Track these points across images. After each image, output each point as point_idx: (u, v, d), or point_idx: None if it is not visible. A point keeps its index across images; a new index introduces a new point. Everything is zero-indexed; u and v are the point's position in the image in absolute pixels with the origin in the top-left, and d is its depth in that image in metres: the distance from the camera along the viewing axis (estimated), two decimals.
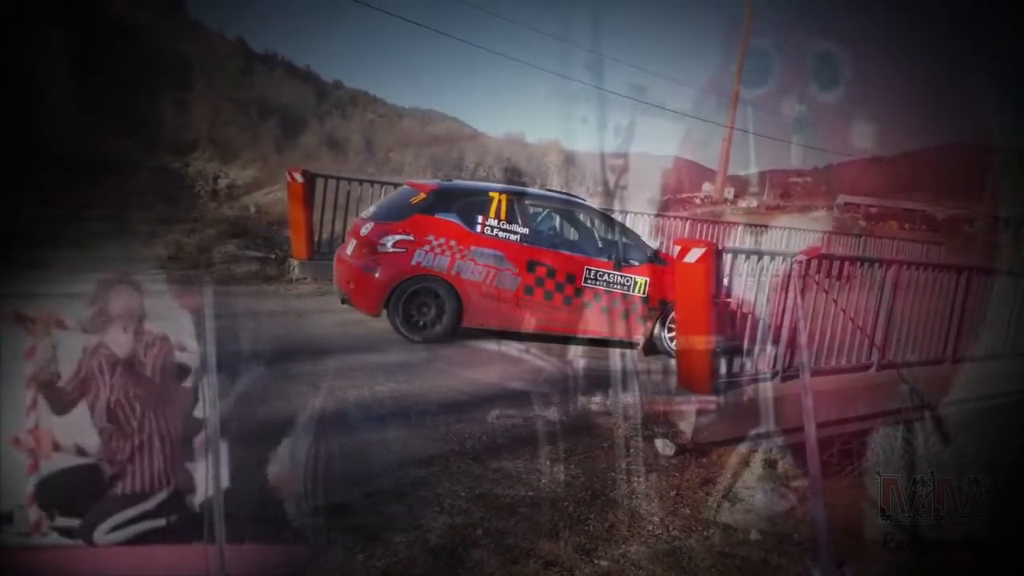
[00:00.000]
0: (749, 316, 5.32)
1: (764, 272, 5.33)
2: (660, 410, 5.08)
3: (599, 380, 5.72)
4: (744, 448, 4.70)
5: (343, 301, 6.63)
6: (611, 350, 6.35)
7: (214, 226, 9.96)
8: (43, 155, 10.53)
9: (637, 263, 6.71)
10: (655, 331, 6.70)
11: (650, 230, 10.76)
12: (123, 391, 2.86)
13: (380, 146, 19.52)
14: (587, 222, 7.16)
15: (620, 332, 6.67)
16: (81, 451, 2.90)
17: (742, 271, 5.29)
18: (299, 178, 8.02)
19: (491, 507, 3.64)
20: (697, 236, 11.28)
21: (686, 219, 12.22)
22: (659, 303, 6.64)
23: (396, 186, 9.02)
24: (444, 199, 6.62)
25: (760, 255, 5.46)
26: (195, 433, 2.89)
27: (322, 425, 4.21)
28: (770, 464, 4.39)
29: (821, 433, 5.05)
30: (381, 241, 6.36)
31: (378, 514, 3.42)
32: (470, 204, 6.62)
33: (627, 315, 6.70)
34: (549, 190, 8.41)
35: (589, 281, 6.62)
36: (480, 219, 6.52)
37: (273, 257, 8.56)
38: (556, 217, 7.30)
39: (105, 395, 2.86)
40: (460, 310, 6.41)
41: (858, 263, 5.88)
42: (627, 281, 6.69)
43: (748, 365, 5.32)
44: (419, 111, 23.22)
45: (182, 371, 2.94)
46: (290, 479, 3.50)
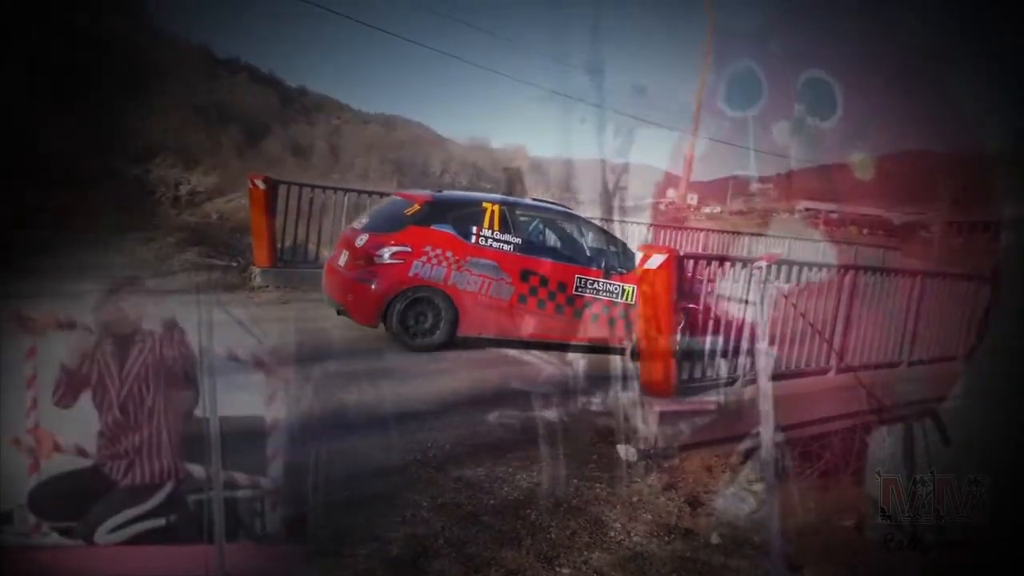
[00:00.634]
0: (711, 321, 5.37)
1: (731, 279, 5.39)
2: (623, 416, 5.10)
3: (563, 387, 5.74)
4: (706, 453, 4.74)
5: (339, 312, 6.64)
6: (573, 356, 6.38)
7: (174, 234, 9.81)
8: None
9: (625, 271, 6.80)
10: None
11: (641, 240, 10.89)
12: (124, 390, 2.86)
13: (345, 152, 19.35)
14: (576, 232, 7.22)
15: (610, 339, 6.71)
16: (82, 452, 2.91)
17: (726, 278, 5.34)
18: (261, 185, 7.94)
19: (453, 516, 3.62)
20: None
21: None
22: None
23: (360, 193, 9.01)
24: (439, 210, 6.68)
25: (722, 261, 5.51)
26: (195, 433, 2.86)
27: (282, 434, 4.15)
28: (731, 468, 4.43)
29: (782, 436, 5.12)
30: (378, 252, 6.38)
31: (336, 526, 3.38)
32: (464, 215, 6.70)
33: (616, 322, 6.80)
34: (538, 200, 8.47)
35: (580, 289, 6.74)
36: (475, 230, 6.60)
37: (235, 265, 8.46)
38: (546, 227, 7.32)
39: (107, 393, 2.86)
40: (456, 319, 6.46)
41: (815, 268, 5.97)
42: (616, 289, 6.81)
43: (710, 370, 5.37)
44: (384, 117, 23.05)
45: (180, 371, 2.95)
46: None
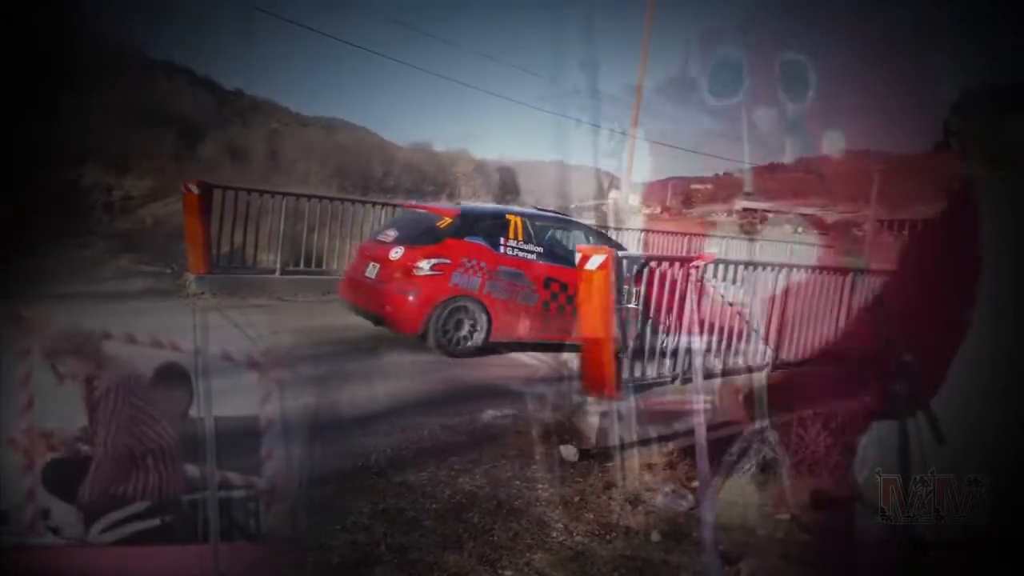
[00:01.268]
0: (652, 320, 5.45)
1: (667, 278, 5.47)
2: (565, 416, 5.14)
3: (507, 389, 5.75)
4: (647, 451, 4.80)
5: (376, 323, 6.93)
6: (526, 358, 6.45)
7: (107, 240, 9.55)
8: None
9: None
10: None
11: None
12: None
13: (284, 155, 19.06)
14: (583, 238, 7.54)
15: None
16: (75, 451, 2.88)
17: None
18: (195, 189, 7.78)
19: (395, 522, 3.59)
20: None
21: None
22: None
23: (299, 196, 8.92)
24: (469, 222, 7.08)
25: (660, 261, 5.59)
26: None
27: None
28: (670, 466, 4.49)
29: (721, 433, 5.22)
30: (417, 265, 6.69)
31: (273, 535, 3.32)
32: (492, 227, 7.14)
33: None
34: (544, 210, 8.76)
35: None
36: (502, 240, 7.01)
37: (169, 271, 8.26)
38: (560, 235, 7.65)
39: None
40: (491, 326, 6.83)
41: (752, 267, 6.10)
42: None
43: (651, 369, 5.44)
44: (324, 120, 22.82)
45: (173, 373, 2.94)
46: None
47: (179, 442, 2.91)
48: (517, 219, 7.20)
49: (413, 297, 6.62)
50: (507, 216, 7.26)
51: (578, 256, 5.27)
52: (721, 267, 5.71)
